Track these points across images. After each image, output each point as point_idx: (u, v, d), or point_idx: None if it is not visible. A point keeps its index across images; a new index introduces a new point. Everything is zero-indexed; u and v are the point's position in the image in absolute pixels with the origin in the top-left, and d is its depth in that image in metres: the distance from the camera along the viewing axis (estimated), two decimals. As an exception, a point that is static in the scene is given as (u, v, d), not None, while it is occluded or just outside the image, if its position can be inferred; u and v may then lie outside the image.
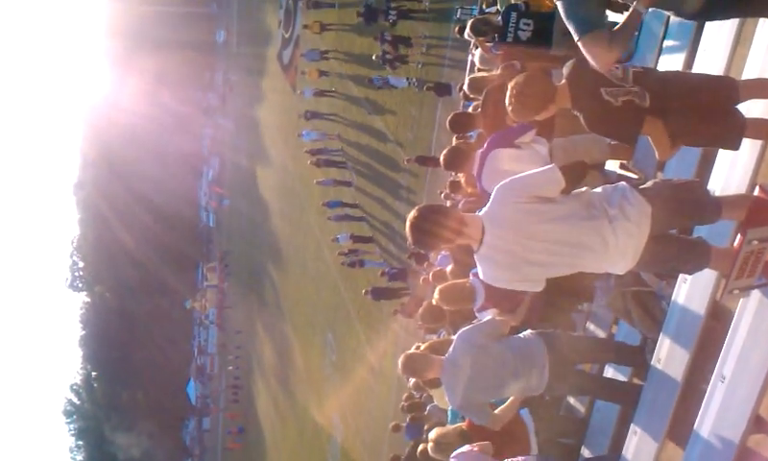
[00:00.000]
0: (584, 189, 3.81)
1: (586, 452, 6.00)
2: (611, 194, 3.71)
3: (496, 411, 4.99)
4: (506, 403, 5.04)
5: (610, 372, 5.83)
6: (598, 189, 3.80)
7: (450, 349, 4.95)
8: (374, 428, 22.32)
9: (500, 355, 4.88)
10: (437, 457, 5.68)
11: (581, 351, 5.28)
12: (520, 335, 5.10)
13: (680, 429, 4.69)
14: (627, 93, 3.78)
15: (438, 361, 4.99)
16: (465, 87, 7.50)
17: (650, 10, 3.34)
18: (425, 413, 10.43)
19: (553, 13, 6.23)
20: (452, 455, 5.08)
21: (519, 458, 4.98)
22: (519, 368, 4.86)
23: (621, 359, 5.61)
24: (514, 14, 6.34)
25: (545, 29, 6.26)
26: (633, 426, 5.08)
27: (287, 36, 37.17)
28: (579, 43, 3.30)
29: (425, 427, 9.61)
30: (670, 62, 5.58)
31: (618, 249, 3.63)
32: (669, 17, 5.22)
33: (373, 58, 20.34)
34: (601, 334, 6.39)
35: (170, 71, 57.46)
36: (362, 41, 24.19)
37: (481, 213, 3.73)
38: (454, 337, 6.65)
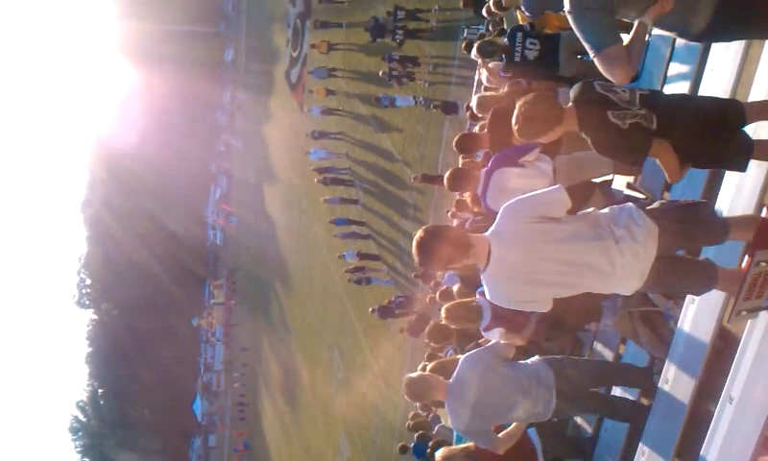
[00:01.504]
0: (590, 210, 3.82)
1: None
2: (617, 215, 3.71)
3: (500, 435, 4.97)
4: (510, 428, 5.02)
5: (617, 392, 5.81)
6: (605, 210, 3.81)
7: (455, 373, 4.94)
8: (381, 447, 22.23)
9: (506, 380, 4.87)
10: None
11: (588, 376, 5.26)
12: (527, 361, 5.09)
13: (688, 450, 4.66)
14: (634, 116, 3.78)
15: (442, 384, 4.97)
16: (473, 106, 7.52)
17: (657, 32, 3.36)
18: (434, 432, 10.38)
19: (558, 35, 6.26)
20: None
21: None
22: (525, 394, 4.85)
23: (628, 382, 5.60)
24: (519, 34, 6.38)
25: (552, 50, 6.29)
26: (640, 447, 5.06)
27: (295, 55, 37.39)
28: (596, 59, 3.29)
29: (430, 445, 9.52)
30: (677, 84, 5.60)
31: (625, 269, 3.62)
32: (675, 39, 5.24)
33: (380, 74, 20.41)
34: (608, 354, 6.37)
35: (178, 89, 57.79)
36: (369, 61, 24.30)
37: (487, 233, 3.74)
38: (460, 357, 6.66)
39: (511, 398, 4.85)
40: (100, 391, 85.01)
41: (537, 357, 5.10)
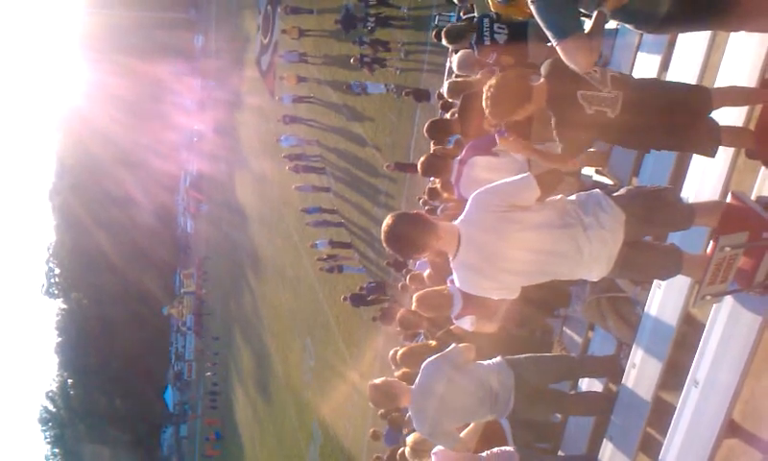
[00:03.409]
0: (558, 197, 3.83)
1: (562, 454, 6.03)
2: (585, 202, 3.74)
3: (462, 434, 5.01)
4: (470, 427, 5.05)
5: (585, 382, 5.86)
6: (572, 197, 3.83)
7: (417, 379, 4.94)
8: (354, 434, 22.28)
9: (467, 384, 4.89)
10: (414, 461, 5.70)
11: (550, 374, 5.29)
12: (488, 362, 5.10)
13: (654, 434, 4.73)
14: (600, 102, 3.80)
15: (406, 390, 4.98)
16: (444, 92, 7.49)
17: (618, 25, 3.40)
18: (405, 418, 10.42)
19: (526, 22, 6.26)
20: (433, 451, 5.08)
21: (496, 449, 5.00)
22: (486, 396, 4.87)
23: (594, 373, 5.64)
24: (486, 20, 6.37)
25: (520, 36, 6.29)
26: (608, 432, 5.12)
27: (265, 41, 37.10)
28: (558, 47, 3.31)
29: (404, 432, 9.58)
30: (645, 71, 5.64)
31: (592, 256, 3.65)
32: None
33: (351, 61, 20.35)
34: (577, 340, 6.43)
35: (148, 76, 57.14)
36: (340, 47, 24.20)
37: (457, 221, 3.74)
38: (431, 342, 6.69)
39: (473, 401, 4.88)
40: (70, 381, 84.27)
41: (498, 358, 5.11)
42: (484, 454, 4.94)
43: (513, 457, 4.97)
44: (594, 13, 3.30)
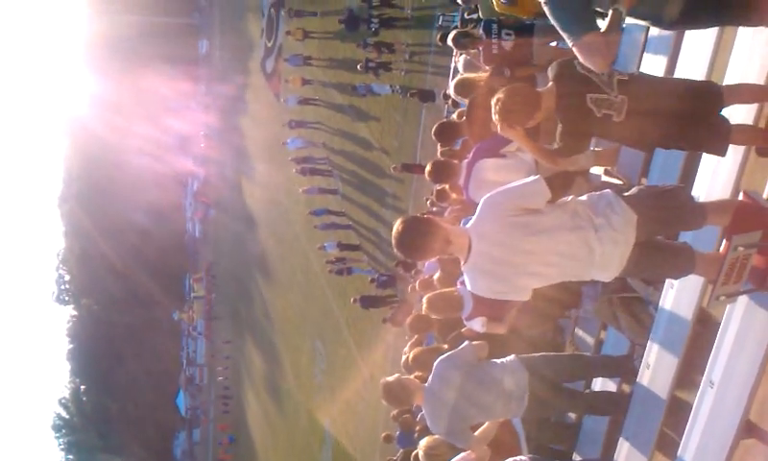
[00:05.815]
0: (569, 198, 3.81)
1: (577, 458, 6.01)
2: (596, 203, 3.71)
3: (476, 433, 4.98)
4: (484, 426, 5.02)
5: (599, 382, 5.83)
6: (583, 198, 3.80)
7: (430, 378, 4.91)
8: (366, 436, 22.27)
9: (481, 383, 4.86)
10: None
11: (564, 374, 5.26)
12: (502, 361, 5.08)
13: (670, 435, 4.70)
14: (609, 106, 3.78)
15: (419, 388, 4.95)
16: (451, 90, 7.47)
17: (631, 20, 3.37)
18: (417, 419, 10.39)
19: (532, 25, 6.24)
20: None
21: (511, 460, 4.97)
22: (500, 394, 4.84)
23: (609, 373, 5.61)
24: (494, 25, 6.35)
25: (526, 39, 6.27)
26: (623, 433, 5.09)
27: (270, 44, 37.13)
28: (574, 48, 3.28)
29: (416, 430, 9.51)
30: (652, 69, 5.60)
31: (604, 257, 3.63)
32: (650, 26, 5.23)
33: (358, 67, 20.34)
34: (589, 340, 6.40)
35: (153, 82, 57.24)
36: (345, 48, 24.20)
37: (467, 226, 3.73)
38: (445, 346, 6.67)
39: (487, 400, 4.85)
40: (82, 387, 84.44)
41: (512, 356, 5.09)
42: None
43: None
44: (610, 12, 3.27)
